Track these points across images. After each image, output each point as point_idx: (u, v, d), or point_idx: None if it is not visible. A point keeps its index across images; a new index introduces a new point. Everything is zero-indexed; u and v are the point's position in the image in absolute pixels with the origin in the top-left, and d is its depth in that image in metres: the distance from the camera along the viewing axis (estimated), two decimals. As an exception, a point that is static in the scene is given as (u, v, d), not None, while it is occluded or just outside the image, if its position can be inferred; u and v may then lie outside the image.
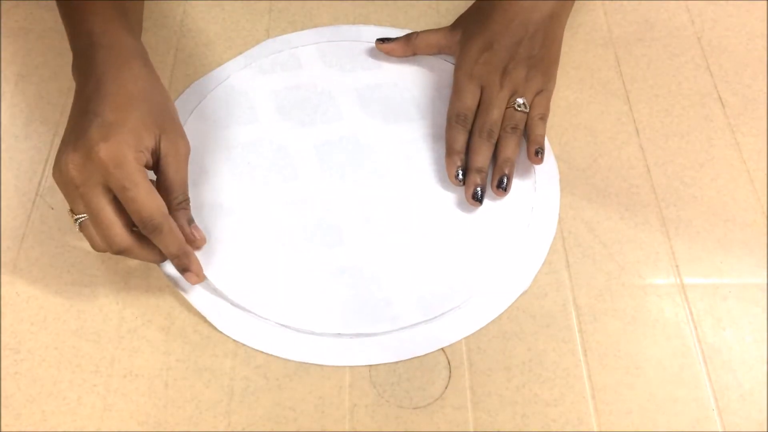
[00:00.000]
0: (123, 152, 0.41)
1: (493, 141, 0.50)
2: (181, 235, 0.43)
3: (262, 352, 0.44)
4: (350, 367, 0.43)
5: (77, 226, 0.42)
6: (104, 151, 0.40)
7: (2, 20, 0.60)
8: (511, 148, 0.50)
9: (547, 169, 0.51)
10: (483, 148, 0.50)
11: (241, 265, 0.47)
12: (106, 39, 0.46)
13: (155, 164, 0.44)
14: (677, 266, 0.47)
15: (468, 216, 0.49)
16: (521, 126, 0.51)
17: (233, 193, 0.50)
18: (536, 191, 0.50)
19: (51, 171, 0.51)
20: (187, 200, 0.45)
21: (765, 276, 0.47)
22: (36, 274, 0.47)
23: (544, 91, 0.52)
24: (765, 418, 0.42)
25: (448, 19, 0.57)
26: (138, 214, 0.41)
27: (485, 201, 0.49)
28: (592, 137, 0.53)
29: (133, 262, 0.47)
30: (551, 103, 0.53)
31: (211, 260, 0.47)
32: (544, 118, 0.52)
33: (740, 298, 0.46)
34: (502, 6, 0.52)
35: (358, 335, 0.44)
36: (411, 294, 0.45)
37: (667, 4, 0.61)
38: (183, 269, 0.44)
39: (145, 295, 0.46)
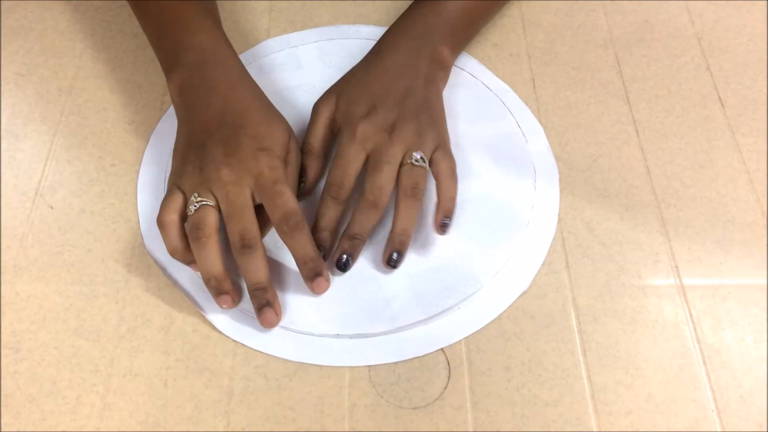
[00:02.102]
0: (275, 160, 0.45)
1: (381, 205, 0.45)
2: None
3: (261, 352, 0.44)
4: (350, 367, 0.43)
5: (195, 209, 0.43)
6: (263, 159, 0.44)
7: (2, 19, 0.60)
8: (408, 217, 0.45)
9: (547, 169, 0.51)
10: (366, 213, 0.45)
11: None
12: (216, 57, 0.49)
13: None
14: (677, 267, 0.47)
15: (468, 216, 0.49)
16: (422, 186, 0.46)
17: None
18: (536, 191, 0.50)
19: (50, 170, 0.51)
20: None
21: (765, 277, 0.47)
22: (36, 273, 0.47)
23: (441, 146, 0.48)
24: (764, 418, 0.42)
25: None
26: (282, 209, 0.43)
27: (485, 201, 0.49)
28: (592, 137, 0.53)
29: (133, 262, 0.47)
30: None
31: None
32: (454, 173, 0.48)
33: (740, 299, 0.46)
34: (377, 72, 0.51)
35: (357, 336, 0.44)
36: (410, 294, 0.45)
37: (667, 5, 0.61)
38: (315, 275, 0.44)
39: (144, 295, 0.46)
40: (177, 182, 0.45)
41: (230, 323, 0.45)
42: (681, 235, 0.49)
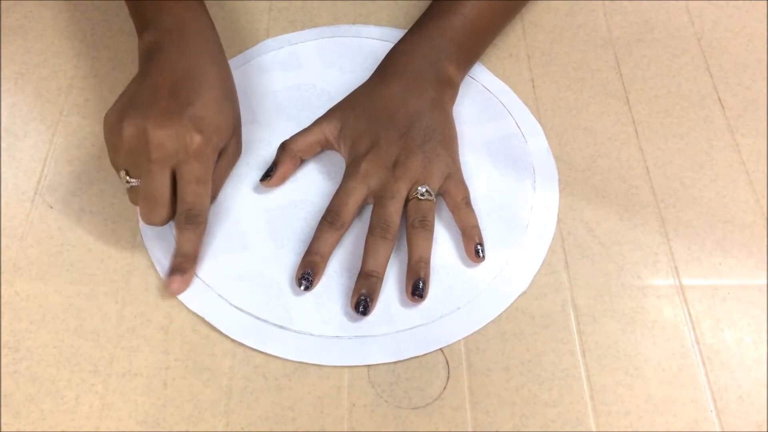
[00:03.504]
0: (208, 150, 0.45)
1: (390, 239, 0.45)
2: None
3: (261, 352, 0.44)
4: (349, 367, 0.43)
5: (127, 187, 0.45)
6: (196, 143, 0.44)
7: (2, 19, 0.60)
8: (422, 245, 0.45)
9: (547, 170, 0.51)
10: (376, 248, 0.45)
11: (240, 267, 0.47)
12: (195, 28, 0.49)
13: None
14: (676, 267, 0.47)
15: (467, 216, 0.49)
16: (430, 218, 0.46)
17: (231, 194, 0.50)
18: (535, 192, 0.50)
19: (50, 169, 0.51)
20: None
21: (764, 277, 0.47)
22: (35, 273, 0.47)
23: (452, 174, 0.48)
24: (764, 419, 0.42)
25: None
26: (192, 205, 0.44)
27: (484, 202, 0.49)
28: (592, 138, 0.53)
29: (133, 262, 0.47)
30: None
31: (209, 261, 0.47)
32: (469, 202, 0.47)
33: (739, 299, 0.46)
34: (382, 99, 0.50)
35: (356, 336, 0.44)
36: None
37: (667, 5, 0.61)
38: (183, 271, 0.45)
39: (144, 294, 0.46)
40: (112, 139, 0.45)
41: (230, 323, 0.45)
42: (680, 236, 0.49)
